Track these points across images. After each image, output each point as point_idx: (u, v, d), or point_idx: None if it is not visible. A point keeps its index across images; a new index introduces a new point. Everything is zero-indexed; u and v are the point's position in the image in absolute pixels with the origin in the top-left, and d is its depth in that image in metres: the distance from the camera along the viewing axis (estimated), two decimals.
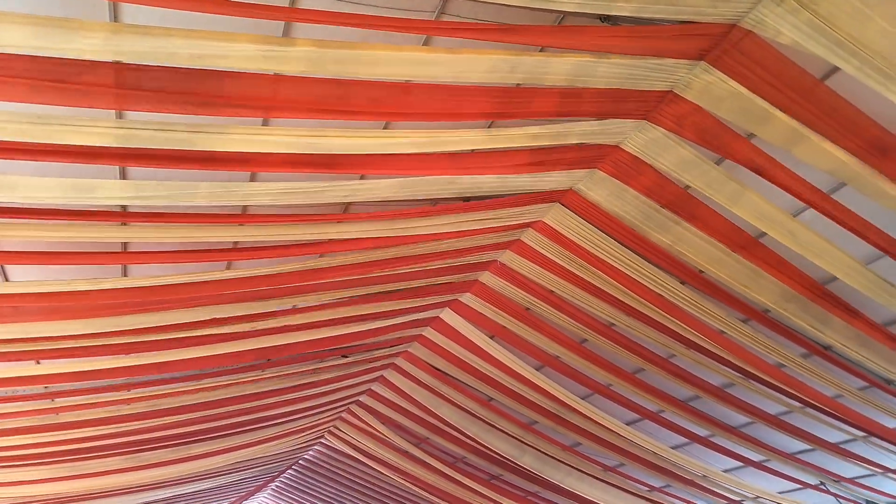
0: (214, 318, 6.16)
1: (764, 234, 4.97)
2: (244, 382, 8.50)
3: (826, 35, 3.29)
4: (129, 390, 7.75)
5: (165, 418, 8.68)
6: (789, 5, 3.28)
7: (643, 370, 7.53)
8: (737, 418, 8.02)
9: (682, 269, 5.50)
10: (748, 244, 5.09)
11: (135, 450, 9.79)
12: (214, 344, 6.95)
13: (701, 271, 5.48)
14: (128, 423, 8.46)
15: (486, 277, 6.97)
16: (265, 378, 8.58)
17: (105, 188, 4.06)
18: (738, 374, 6.74)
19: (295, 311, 6.61)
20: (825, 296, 5.28)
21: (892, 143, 3.83)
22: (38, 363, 6.54)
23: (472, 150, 4.32)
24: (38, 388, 7.07)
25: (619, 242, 5.49)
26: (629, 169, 4.80)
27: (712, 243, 5.11)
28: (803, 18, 3.28)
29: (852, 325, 5.41)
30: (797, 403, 7.07)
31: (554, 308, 6.76)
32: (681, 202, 4.93)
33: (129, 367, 6.87)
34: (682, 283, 5.68)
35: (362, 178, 4.67)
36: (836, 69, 3.64)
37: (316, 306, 6.66)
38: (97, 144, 3.49)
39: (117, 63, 3.19)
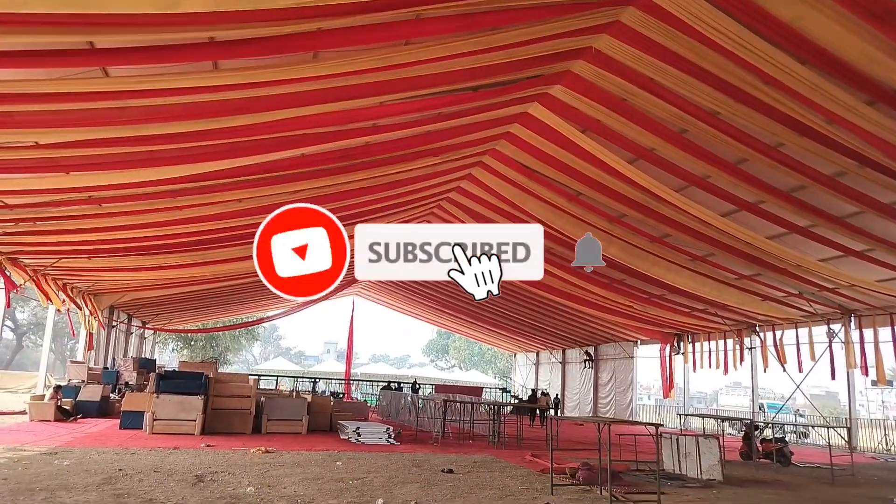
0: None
1: None
2: (350, 184, 8.92)
3: None
4: (239, 198, 8.35)
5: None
6: None
7: (746, 160, 7.18)
8: (843, 208, 7.68)
9: (805, 46, 4.90)
10: (887, 12, 4.39)
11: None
12: (306, 147, 7.22)
13: (825, 48, 4.88)
14: (244, 218, 9.23)
15: (579, 67, 6.55)
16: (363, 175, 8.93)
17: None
18: (853, 162, 6.30)
19: (384, 107, 6.62)
20: None
21: None
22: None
23: None
24: (163, 188, 7.73)
25: (732, 17, 4.90)
26: None
27: (843, 14, 4.46)
28: None
29: None
30: None
31: (654, 96, 6.37)
32: None
33: (236, 167, 7.32)
34: (803, 62, 5.10)
35: None
36: None
37: (403, 102, 6.60)
38: None
39: None
